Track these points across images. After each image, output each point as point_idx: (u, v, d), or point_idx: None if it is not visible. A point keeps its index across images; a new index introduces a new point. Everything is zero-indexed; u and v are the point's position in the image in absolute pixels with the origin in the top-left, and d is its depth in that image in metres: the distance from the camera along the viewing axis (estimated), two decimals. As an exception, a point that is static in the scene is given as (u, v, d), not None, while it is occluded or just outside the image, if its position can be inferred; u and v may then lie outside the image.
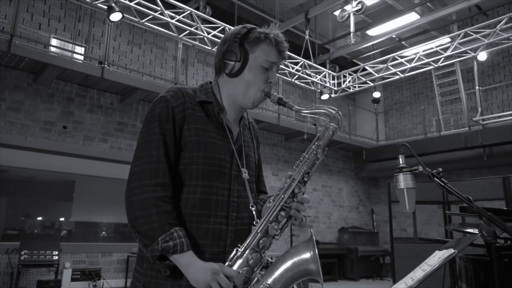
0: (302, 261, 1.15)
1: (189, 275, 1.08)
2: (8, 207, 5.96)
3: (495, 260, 1.42)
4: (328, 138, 1.22)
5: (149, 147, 1.17)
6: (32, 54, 5.27)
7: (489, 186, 4.79)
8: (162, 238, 1.07)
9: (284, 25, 8.29)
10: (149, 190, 1.12)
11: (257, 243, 1.15)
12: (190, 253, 1.09)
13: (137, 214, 1.10)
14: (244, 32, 1.26)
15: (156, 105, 1.22)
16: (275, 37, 1.26)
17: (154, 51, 7.44)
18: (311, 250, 1.15)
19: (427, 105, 10.14)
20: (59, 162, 5.98)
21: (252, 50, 1.25)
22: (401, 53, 8.15)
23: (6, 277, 5.05)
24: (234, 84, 1.26)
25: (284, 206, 1.18)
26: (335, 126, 1.22)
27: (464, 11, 8.05)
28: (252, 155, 1.36)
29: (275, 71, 1.28)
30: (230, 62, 1.24)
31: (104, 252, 6.07)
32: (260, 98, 1.27)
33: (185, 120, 1.20)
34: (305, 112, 1.26)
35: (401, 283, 1.44)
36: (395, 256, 5.07)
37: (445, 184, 1.36)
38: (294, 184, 1.20)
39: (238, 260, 1.13)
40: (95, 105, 6.32)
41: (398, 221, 9.60)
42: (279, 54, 1.28)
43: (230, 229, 1.21)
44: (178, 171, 1.19)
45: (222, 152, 1.23)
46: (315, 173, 8.01)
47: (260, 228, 1.16)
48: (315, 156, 1.22)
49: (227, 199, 1.22)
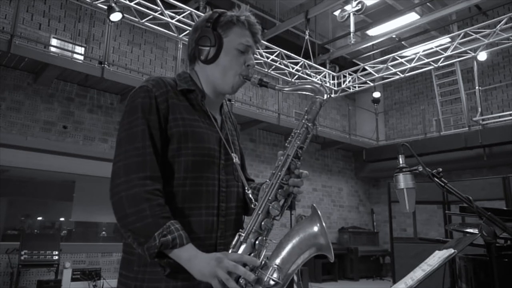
0: (309, 236, 1.08)
1: (192, 269, 1.02)
2: (8, 207, 5.96)
3: (495, 260, 1.42)
4: (316, 111, 1.19)
5: (134, 139, 1.09)
6: (32, 54, 5.27)
7: (489, 186, 4.79)
8: (159, 233, 1.00)
9: (284, 25, 8.30)
10: (137, 184, 1.04)
11: (259, 225, 1.09)
12: (190, 245, 1.03)
13: (127, 211, 1.02)
14: (215, 16, 1.23)
15: (136, 95, 1.14)
16: (247, 19, 1.23)
17: (154, 51, 7.45)
18: (318, 224, 1.09)
19: (427, 105, 10.14)
20: (59, 162, 5.98)
21: (225, 34, 1.21)
22: (401, 53, 8.15)
23: (6, 277, 5.05)
24: (211, 70, 1.23)
25: (282, 183, 1.14)
26: (321, 98, 1.18)
27: (464, 11, 8.06)
28: (236, 143, 1.34)
29: (251, 54, 1.24)
30: (205, 48, 1.21)
31: (104, 252, 6.08)
32: (239, 81, 1.23)
33: (169, 109, 1.15)
34: (288, 89, 1.22)
35: (401, 283, 1.44)
36: (395, 256, 5.07)
37: (445, 184, 1.36)
38: (289, 159, 1.15)
39: (242, 245, 1.07)
40: (95, 105, 6.32)
41: (398, 221, 9.60)
42: (253, 36, 1.25)
43: (220, 220, 1.17)
44: (165, 163, 1.13)
45: (211, 141, 1.19)
46: (315, 173, 7.94)
47: (261, 209, 1.11)
48: (306, 130, 1.18)
49: (217, 190, 1.18)
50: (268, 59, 7.60)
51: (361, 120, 10.95)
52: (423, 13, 7.79)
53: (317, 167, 9.60)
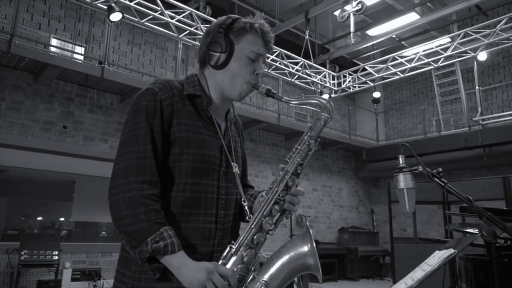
0: (299, 255, 1.10)
1: (181, 276, 1.03)
2: (8, 207, 5.96)
3: (495, 260, 1.42)
4: (320, 128, 1.19)
5: (135, 142, 1.10)
6: (32, 54, 5.26)
7: (489, 186, 4.79)
8: (152, 239, 1.01)
9: (284, 25, 8.30)
10: (135, 187, 1.05)
11: (251, 239, 1.10)
12: (182, 253, 1.04)
13: (123, 213, 1.03)
14: (228, 22, 1.22)
15: (142, 97, 1.15)
16: (261, 27, 1.23)
17: (154, 51, 7.44)
18: (308, 243, 1.11)
19: (427, 105, 10.14)
20: (59, 162, 5.98)
21: (237, 40, 1.20)
22: (401, 53, 8.15)
23: (6, 277, 5.05)
24: (220, 76, 1.22)
25: (278, 199, 1.15)
26: (326, 116, 1.18)
27: (464, 11, 8.06)
28: (239, 150, 1.34)
29: (261, 62, 1.24)
30: (216, 54, 1.20)
31: (104, 252, 6.08)
32: (247, 89, 1.22)
33: (173, 114, 1.14)
34: (294, 102, 1.21)
35: (401, 283, 1.44)
36: (395, 256, 5.07)
37: (445, 184, 1.36)
38: (288, 176, 1.16)
39: (232, 258, 1.08)
40: (95, 105, 6.32)
41: (398, 221, 9.60)
42: (265, 45, 1.24)
43: (218, 227, 1.17)
44: (166, 168, 1.13)
45: (212, 148, 1.19)
46: (315, 173, 7.94)
47: (254, 223, 1.12)
48: (307, 147, 1.18)
49: (216, 197, 1.18)
50: (268, 59, 7.60)
51: (361, 120, 10.95)
52: (423, 13, 7.79)
53: (317, 167, 9.60)
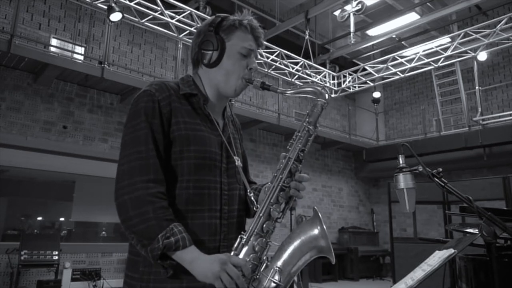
0: (310, 238, 1.10)
1: (195, 270, 1.03)
2: (8, 207, 5.96)
3: (495, 260, 1.42)
4: (317, 114, 1.21)
5: (137, 143, 1.12)
6: (32, 54, 5.26)
7: (489, 186, 4.79)
8: (163, 235, 1.02)
9: (284, 25, 8.29)
10: (141, 187, 1.06)
11: (260, 227, 1.11)
12: (193, 247, 1.05)
13: (131, 214, 1.05)
14: (218, 21, 1.25)
15: (140, 99, 1.17)
16: (250, 23, 1.25)
17: (154, 51, 7.44)
18: (318, 226, 1.11)
19: (427, 105, 10.14)
20: (59, 162, 5.98)
21: (228, 38, 1.23)
22: (401, 53, 8.15)
23: (6, 277, 5.05)
24: (213, 74, 1.24)
25: (283, 186, 1.16)
26: (323, 101, 1.21)
27: (464, 11, 8.05)
28: (239, 146, 1.36)
29: (253, 58, 1.26)
30: (208, 52, 1.23)
31: (104, 252, 6.07)
32: (242, 85, 1.25)
33: (172, 113, 1.17)
34: (290, 92, 1.25)
35: (401, 283, 1.44)
36: (395, 256, 5.07)
37: (445, 184, 1.36)
38: (291, 162, 1.17)
39: (243, 248, 1.09)
40: (95, 105, 6.32)
41: (398, 221, 9.60)
42: (255, 40, 1.26)
43: (223, 222, 1.18)
44: (169, 167, 1.15)
45: (213, 145, 1.20)
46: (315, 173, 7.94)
47: (262, 212, 1.13)
48: (307, 133, 1.20)
49: (220, 193, 1.19)
50: (268, 59, 7.60)
51: (361, 120, 10.95)
52: (423, 13, 7.79)
53: (317, 167, 9.60)
